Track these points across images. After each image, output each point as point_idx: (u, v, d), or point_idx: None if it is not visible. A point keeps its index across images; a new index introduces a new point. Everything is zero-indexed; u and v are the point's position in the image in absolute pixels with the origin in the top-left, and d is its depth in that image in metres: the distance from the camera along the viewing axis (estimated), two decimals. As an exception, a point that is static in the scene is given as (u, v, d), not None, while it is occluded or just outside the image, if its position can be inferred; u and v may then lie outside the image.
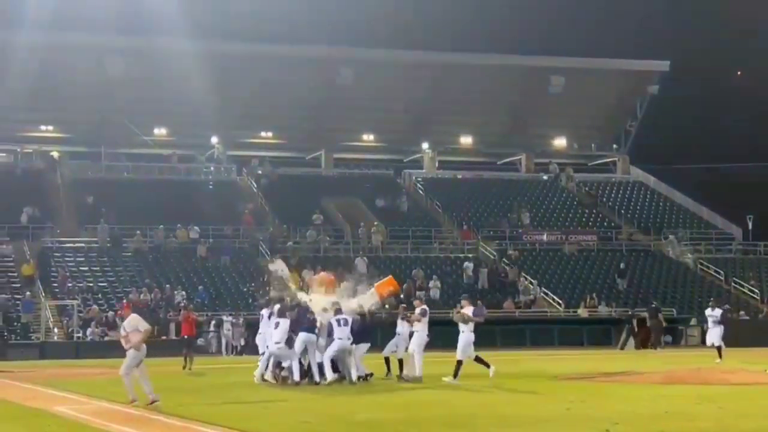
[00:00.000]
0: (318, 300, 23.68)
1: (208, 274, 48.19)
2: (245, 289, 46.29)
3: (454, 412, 17.06)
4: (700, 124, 68.41)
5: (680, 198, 63.90)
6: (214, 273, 48.36)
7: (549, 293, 49.87)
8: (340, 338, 22.25)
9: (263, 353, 23.45)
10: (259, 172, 60.19)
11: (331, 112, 60.92)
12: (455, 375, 22.26)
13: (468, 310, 22.92)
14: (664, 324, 43.36)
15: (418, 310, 23.38)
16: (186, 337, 30.80)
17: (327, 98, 60.19)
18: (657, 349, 41.55)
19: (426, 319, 23.24)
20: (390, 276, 28.25)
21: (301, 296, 24.23)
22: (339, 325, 22.36)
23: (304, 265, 47.01)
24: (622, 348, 43.11)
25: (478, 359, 22.81)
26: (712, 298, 39.44)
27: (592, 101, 64.11)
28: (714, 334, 32.30)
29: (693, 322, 46.88)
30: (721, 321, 32.58)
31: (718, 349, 31.75)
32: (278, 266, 27.07)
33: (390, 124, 62.77)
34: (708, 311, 33.32)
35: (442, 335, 24.72)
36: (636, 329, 43.39)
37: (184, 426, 15.60)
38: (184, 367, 29.26)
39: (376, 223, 54.52)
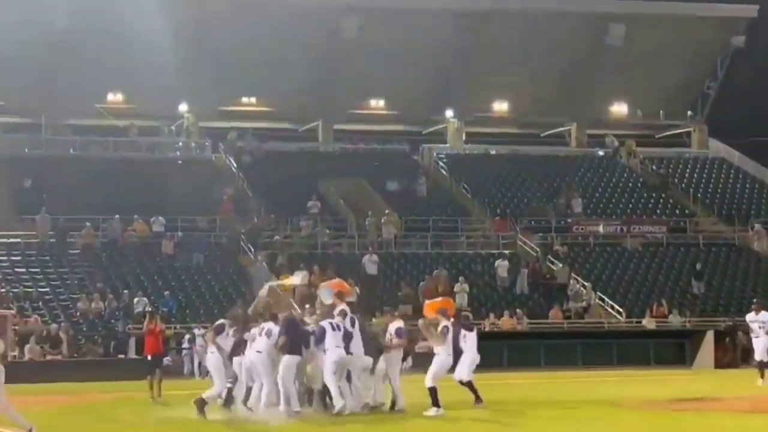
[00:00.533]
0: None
1: (176, 276, 48.30)
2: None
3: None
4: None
5: (772, 178, 64.05)
6: (183, 275, 48.48)
7: (606, 299, 49.86)
8: (338, 346, 22.27)
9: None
10: (241, 144, 60.29)
11: (331, 72, 60.93)
12: (437, 404, 22.28)
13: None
14: None
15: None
16: (150, 356, 29.59)
17: (326, 55, 60.13)
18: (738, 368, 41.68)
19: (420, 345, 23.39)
20: (450, 299, 27.90)
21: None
22: (333, 329, 22.43)
23: (297, 264, 47.11)
24: (727, 366, 42.91)
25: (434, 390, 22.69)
26: (755, 300, 37.55)
27: (660, 57, 63.85)
28: (762, 346, 31.14)
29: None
30: None
31: (760, 365, 30.89)
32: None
33: (405, 88, 62.55)
34: (750, 316, 32.24)
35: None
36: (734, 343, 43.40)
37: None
38: (153, 397, 28.77)
39: (387, 211, 54.54)
